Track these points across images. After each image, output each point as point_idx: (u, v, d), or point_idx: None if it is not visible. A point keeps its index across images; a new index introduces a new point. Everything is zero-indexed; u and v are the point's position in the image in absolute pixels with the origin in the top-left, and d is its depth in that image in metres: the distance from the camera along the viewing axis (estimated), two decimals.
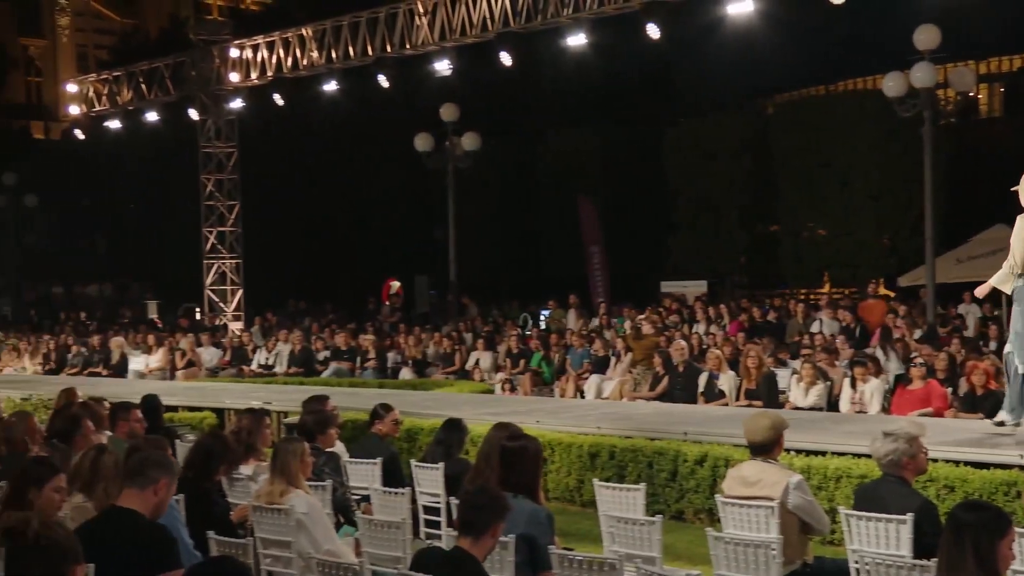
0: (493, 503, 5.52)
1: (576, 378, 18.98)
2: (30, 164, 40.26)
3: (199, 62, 28.50)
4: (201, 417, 15.06)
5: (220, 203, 29.21)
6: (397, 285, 33.66)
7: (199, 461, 7.51)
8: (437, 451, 9.31)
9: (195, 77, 28.54)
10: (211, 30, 29.96)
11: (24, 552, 3.94)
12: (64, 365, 24.69)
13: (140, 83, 29.67)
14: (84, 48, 63.45)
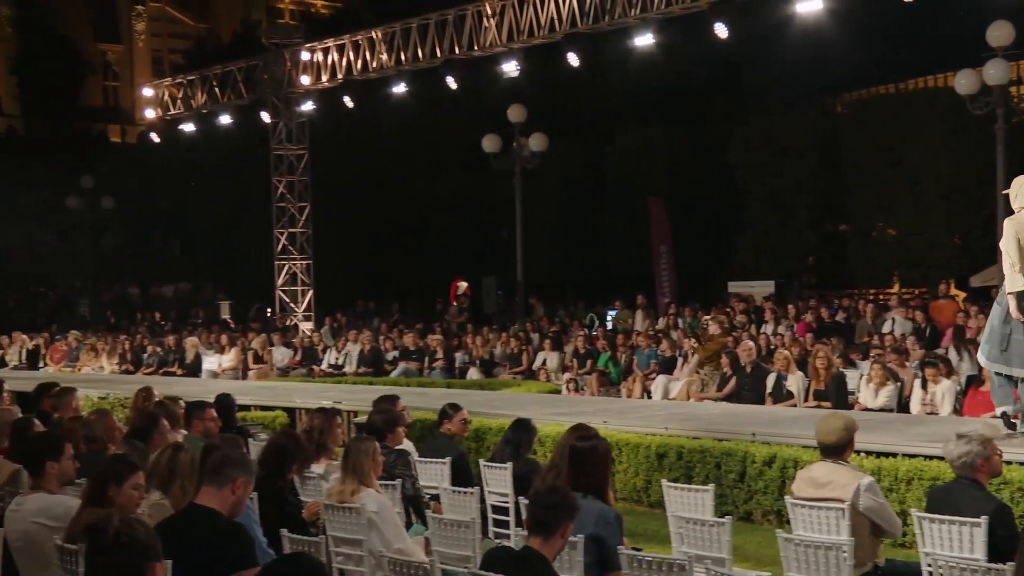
0: (563, 503, 5.53)
1: (643, 378, 18.90)
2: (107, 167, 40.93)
3: (271, 65, 28.81)
4: (273, 416, 15.21)
5: (291, 205, 29.50)
6: (464, 285, 33.73)
7: (272, 460, 7.59)
8: (505, 451, 9.32)
9: (267, 80, 28.86)
10: (283, 34, 30.28)
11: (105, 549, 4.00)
12: (140, 365, 25.08)
13: (213, 86, 30.06)
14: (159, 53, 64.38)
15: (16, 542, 6.31)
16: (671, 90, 34.73)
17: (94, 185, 36.00)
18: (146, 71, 60.00)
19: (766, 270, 28.43)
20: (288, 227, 29.57)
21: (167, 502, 6.51)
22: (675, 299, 26.98)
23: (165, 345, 25.55)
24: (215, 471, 5.58)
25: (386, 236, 37.28)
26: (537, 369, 21.32)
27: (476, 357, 22.69)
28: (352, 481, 7.28)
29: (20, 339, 27.96)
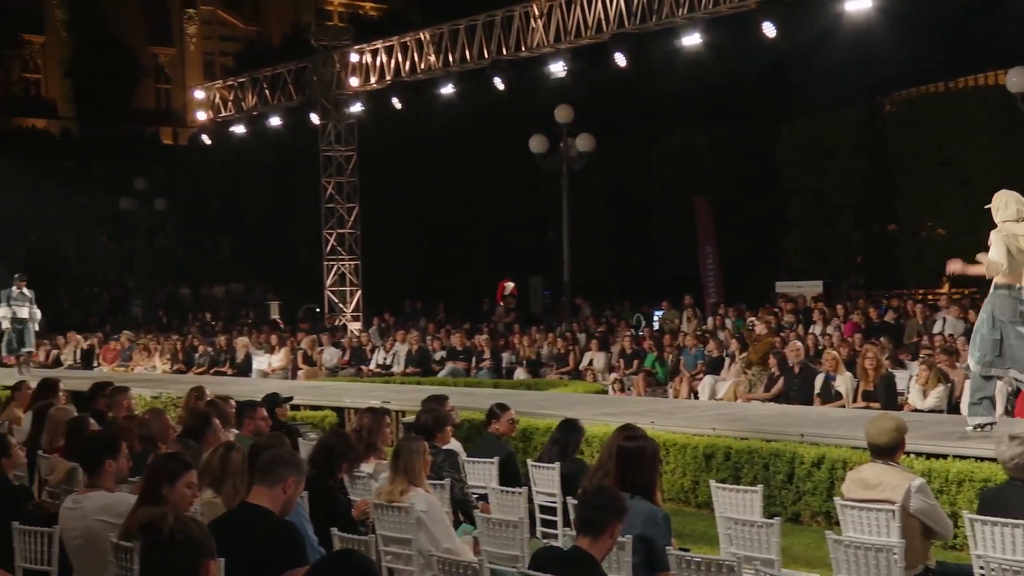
0: (612, 503, 5.51)
1: (690, 379, 18.83)
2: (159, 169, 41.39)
3: (320, 67, 28.97)
4: (322, 416, 15.29)
5: (340, 205, 29.63)
6: (511, 286, 33.78)
7: (322, 459, 7.64)
8: (553, 451, 9.31)
9: (316, 82, 29.03)
10: (332, 36, 30.42)
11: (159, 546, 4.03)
12: (192, 364, 25.30)
13: (264, 88, 30.27)
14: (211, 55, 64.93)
15: (75, 540, 6.38)
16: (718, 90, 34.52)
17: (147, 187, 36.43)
18: (197, 74, 60.54)
19: (813, 270, 28.21)
20: (337, 228, 29.71)
21: (219, 500, 6.56)
22: (721, 299, 26.86)
23: (216, 345, 25.76)
24: (266, 470, 5.62)
25: (433, 236, 37.38)
26: (584, 369, 21.30)
27: (523, 357, 22.70)
28: (402, 481, 7.30)
29: (75, 339, 28.29)
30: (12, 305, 21.57)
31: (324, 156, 29.62)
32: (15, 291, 21.66)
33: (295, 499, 5.74)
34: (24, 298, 21.76)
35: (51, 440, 9.47)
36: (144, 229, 37.83)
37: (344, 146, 29.49)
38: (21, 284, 21.81)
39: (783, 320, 21.21)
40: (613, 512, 5.47)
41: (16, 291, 21.68)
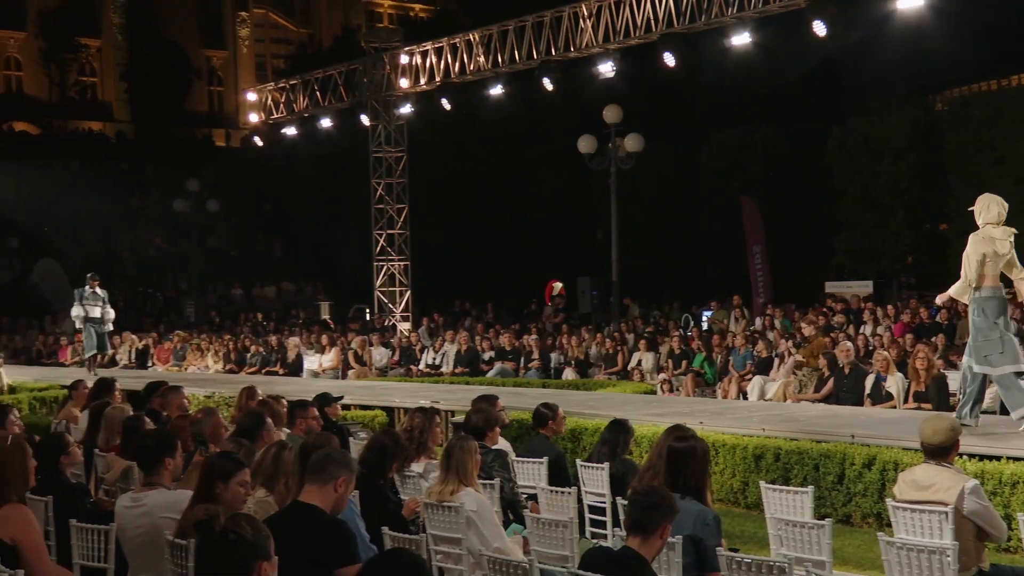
0: (662, 503, 5.49)
1: (739, 379, 18.71)
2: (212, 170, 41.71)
3: (370, 69, 29.12)
4: (372, 415, 15.34)
5: (389, 206, 29.76)
6: (559, 286, 33.74)
7: (373, 458, 7.65)
8: (602, 451, 9.28)
9: (366, 84, 29.18)
10: (382, 38, 30.55)
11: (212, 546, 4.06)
12: (243, 364, 25.50)
13: (315, 90, 30.46)
14: (262, 58, 65.43)
15: (137, 537, 6.43)
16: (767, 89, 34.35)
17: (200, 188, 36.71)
18: (250, 76, 61.01)
19: (864, 270, 27.93)
20: (386, 228, 29.84)
21: (272, 499, 6.61)
22: (770, 299, 26.67)
23: (268, 345, 25.94)
24: (318, 469, 5.65)
25: (482, 237, 37.43)
26: (632, 369, 21.23)
27: (571, 357, 22.67)
28: (453, 480, 7.30)
29: (130, 339, 28.58)
30: (84, 305, 21.18)
31: (374, 157, 29.76)
32: (88, 290, 21.27)
33: (346, 498, 5.77)
34: (96, 298, 21.31)
35: (107, 439, 9.58)
36: (197, 230, 38.13)
37: (394, 147, 29.62)
38: (94, 283, 21.37)
39: (833, 321, 21.03)
40: (664, 512, 5.45)
41: (89, 290, 21.27)
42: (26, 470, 5.69)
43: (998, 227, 10.66)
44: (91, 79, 59.88)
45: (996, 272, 10.71)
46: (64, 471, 7.98)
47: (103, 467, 9.30)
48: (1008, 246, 10.66)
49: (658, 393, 18.76)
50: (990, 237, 10.62)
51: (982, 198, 10.90)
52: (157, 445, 6.77)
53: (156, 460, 6.67)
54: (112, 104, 59.08)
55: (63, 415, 12.92)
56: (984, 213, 10.74)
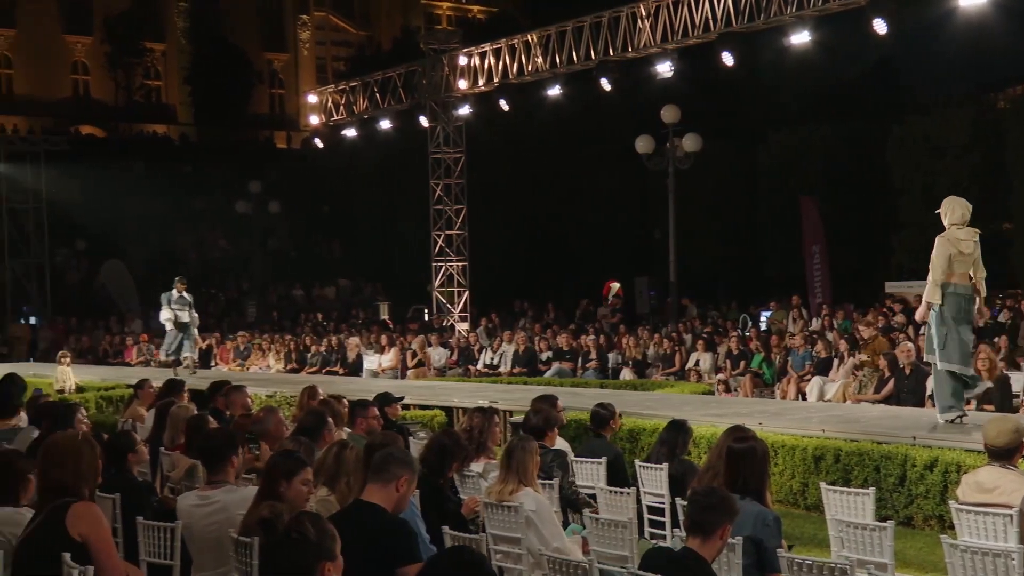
0: (722, 504, 5.45)
1: (797, 380, 18.56)
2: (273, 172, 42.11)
3: (429, 71, 29.23)
4: (431, 415, 15.38)
5: (448, 207, 29.85)
6: (617, 286, 33.65)
7: (434, 458, 7.68)
8: (661, 451, 9.25)
9: (425, 85, 29.28)
10: (441, 39, 30.65)
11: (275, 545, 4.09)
12: (304, 364, 25.69)
13: (374, 92, 30.61)
14: (323, 60, 65.92)
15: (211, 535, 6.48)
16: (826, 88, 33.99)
17: (261, 190, 37.07)
18: (310, 79, 61.50)
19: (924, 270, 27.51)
20: (445, 229, 29.93)
21: (333, 498, 6.64)
22: (829, 300, 26.40)
23: (328, 345, 26.10)
24: (381, 468, 5.68)
25: (540, 237, 37.42)
26: (689, 370, 21.13)
27: (629, 357, 22.60)
28: (513, 480, 7.30)
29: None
30: (173, 308, 20.96)
31: (433, 158, 29.87)
32: (175, 294, 21.01)
33: (408, 497, 5.79)
34: (184, 302, 21.12)
35: (172, 437, 9.71)
36: (258, 231, 38.51)
37: (452, 148, 29.70)
38: (181, 287, 21.10)
39: (893, 321, 20.78)
40: (724, 513, 5.42)
41: (176, 294, 21.00)
42: (96, 467, 5.79)
43: (963, 228, 11.24)
44: (155, 83, 60.70)
45: (963, 271, 11.21)
46: (131, 469, 8.09)
47: (168, 465, 9.42)
48: (972, 246, 11.22)
49: (716, 394, 18.63)
50: (955, 238, 11.19)
51: (947, 201, 11.49)
52: (223, 444, 6.84)
53: (222, 458, 6.73)
54: (176, 107, 59.85)
55: (129, 414, 13.10)
56: (950, 215, 11.32)
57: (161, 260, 41.82)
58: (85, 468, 5.63)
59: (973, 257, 11.28)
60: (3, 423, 10.07)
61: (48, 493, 5.57)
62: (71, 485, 5.54)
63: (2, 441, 9.13)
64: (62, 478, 5.55)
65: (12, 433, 9.68)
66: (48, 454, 5.72)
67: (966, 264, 11.23)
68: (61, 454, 5.66)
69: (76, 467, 5.59)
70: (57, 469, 5.58)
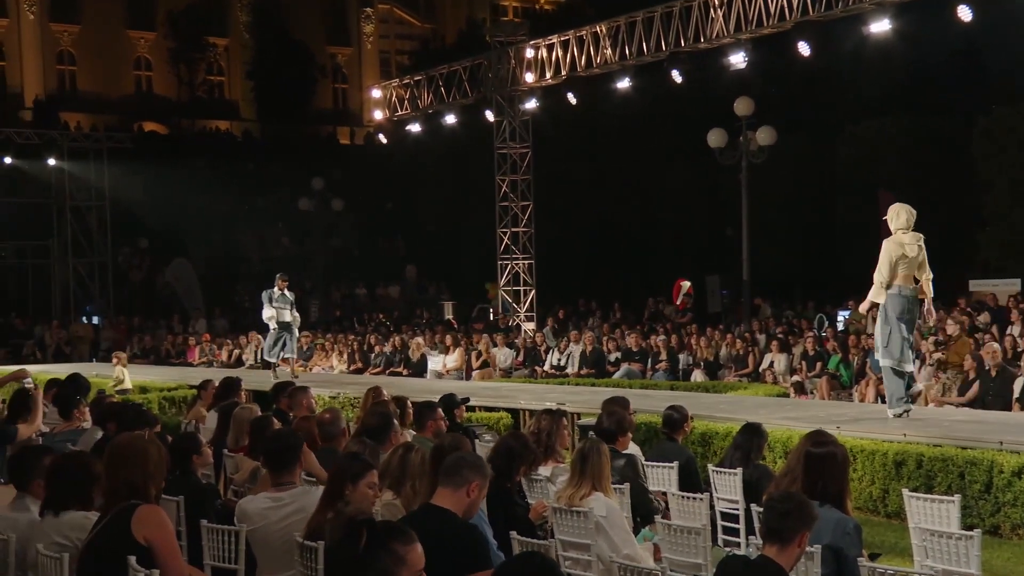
0: (800, 510, 5.38)
1: (876, 382, 18.31)
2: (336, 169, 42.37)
3: (495, 64, 29.27)
4: (497, 417, 15.41)
5: (514, 204, 29.88)
6: (688, 285, 33.40)
7: (501, 462, 7.67)
8: (735, 456, 9.18)
9: (491, 79, 29.33)
10: (507, 31, 30.69)
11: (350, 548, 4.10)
12: (368, 365, 25.86)
13: (439, 86, 30.71)
14: (387, 54, 66.22)
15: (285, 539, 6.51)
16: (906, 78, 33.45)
17: (324, 187, 37.33)
18: (374, 73, 61.85)
19: (1011, 268, 27.08)
20: (511, 226, 29.97)
21: (399, 502, 6.67)
22: None
23: (392, 345, 26.25)
24: (452, 472, 5.69)
25: (608, 234, 37.31)
26: (763, 371, 20.98)
27: (700, 359, 22.51)
28: (587, 484, 7.29)
29: (256, 339, 29.10)
30: (275, 306, 20.71)
31: (498, 153, 29.92)
32: (276, 291, 20.71)
33: (478, 503, 5.80)
34: (285, 300, 20.82)
35: (236, 439, 9.81)
36: (321, 229, 38.79)
37: (519, 143, 29.73)
38: (282, 284, 20.77)
39: (977, 321, 20.45)
40: (802, 520, 5.35)
41: (278, 291, 20.71)
42: (163, 468, 5.88)
43: (907, 233, 12.39)
44: (219, 78, 61.37)
45: (907, 273, 12.35)
46: (196, 471, 8.20)
47: (232, 467, 9.53)
48: (917, 250, 12.34)
49: (791, 396, 18.46)
50: (900, 242, 12.33)
51: (892, 207, 12.71)
52: (289, 446, 6.90)
53: (289, 460, 6.80)
54: (239, 103, 60.46)
55: (192, 415, 13.27)
56: (895, 220, 12.51)
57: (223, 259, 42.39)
58: (153, 469, 5.71)
59: (918, 260, 12.39)
60: (67, 424, 10.26)
61: (115, 495, 5.65)
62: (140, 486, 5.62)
63: (66, 443, 9.30)
64: (130, 479, 5.62)
65: (76, 434, 9.85)
66: (115, 455, 5.79)
67: (911, 267, 12.34)
68: (129, 454, 5.74)
69: (144, 468, 5.67)
70: (125, 471, 5.66)
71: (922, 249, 12.41)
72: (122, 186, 37.94)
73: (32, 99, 54.06)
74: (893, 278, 12.31)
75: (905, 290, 12.36)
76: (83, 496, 5.99)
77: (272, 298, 20.75)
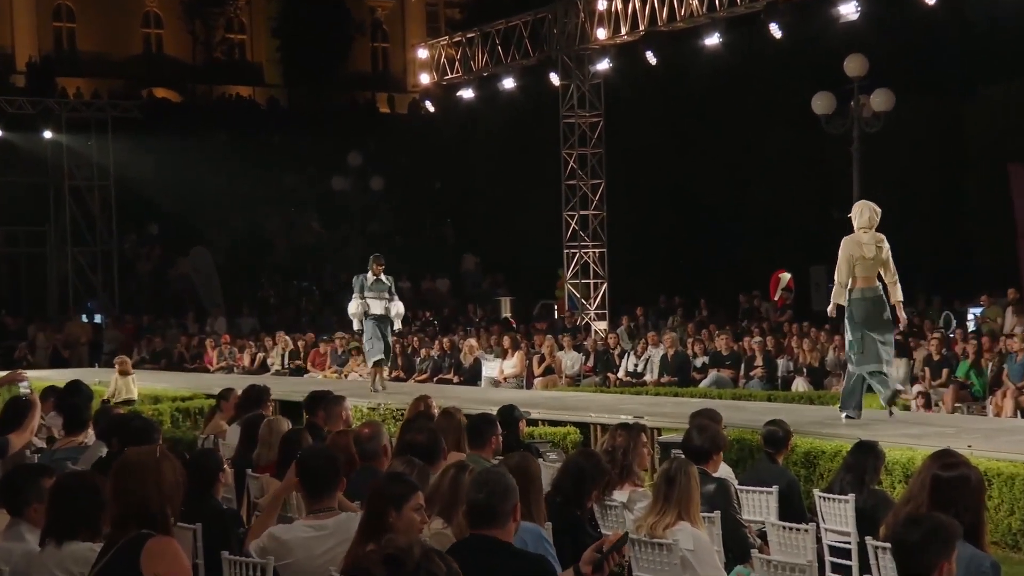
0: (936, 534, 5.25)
1: (1016, 392, 18.20)
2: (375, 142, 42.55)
3: (561, 19, 29.22)
4: (564, 433, 15.42)
5: (583, 182, 29.83)
6: (788, 277, 33.25)
7: (569, 485, 7.69)
8: (846, 479, 9.14)
9: (557, 36, 29.30)
10: None
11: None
12: (412, 371, 25.98)
13: (496, 45, 30.67)
14: (434, 7, 66.24)
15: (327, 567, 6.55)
16: None
17: (361, 163, 37.47)
18: (419, 30, 61.92)
19: None
20: (579, 209, 29.93)
21: (450, 531, 6.68)
22: None
23: (440, 348, 26.31)
24: None
25: (693, 218, 37.18)
26: None
27: (803, 364, 22.44)
28: (670, 512, 7.28)
29: (283, 340, 29.30)
30: (366, 296, 19.24)
31: (565, 123, 29.88)
32: (371, 277, 19.35)
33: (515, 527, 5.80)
34: (381, 287, 19.36)
35: (262, 456, 9.88)
36: (358, 212, 38.96)
37: (589, 111, 29.67)
38: (378, 267, 19.46)
39: None
40: (940, 546, 5.24)
41: (372, 277, 19.34)
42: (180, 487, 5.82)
43: (868, 232, 13.65)
44: (239, 36, 61.79)
45: (867, 274, 13.61)
46: (216, 494, 8.24)
47: (257, 490, 9.58)
48: (875, 250, 13.57)
49: (912, 408, 18.37)
50: (858, 241, 13.60)
51: (857, 205, 14.09)
52: (329, 466, 6.94)
53: (331, 482, 6.84)
54: (262, 66, 60.80)
55: (210, 429, 13.41)
56: (858, 218, 13.81)
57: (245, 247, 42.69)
58: (169, 490, 5.67)
59: (879, 261, 13.63)
60: (69, 440, 10.32)
61: (123, 523, 5.57)
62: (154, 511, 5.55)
63: (66, 461, 9.39)
64: (143, 503, 5.54)
65: (78, 452, 9.92)
66: (124, 474, 5.69)
67: (869, 268, 13.59)
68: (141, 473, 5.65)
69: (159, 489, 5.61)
70: (136, 493, 5.57)
71: (882, 250, 13.64)
72: (129, 163, 38.32)
73: (25, 62, 54.71)
74: (854, 280, 13.62)
75: (867, 292, 13.65)
76: (92, 524, 5.96)
77: (364, 286, 19.35)
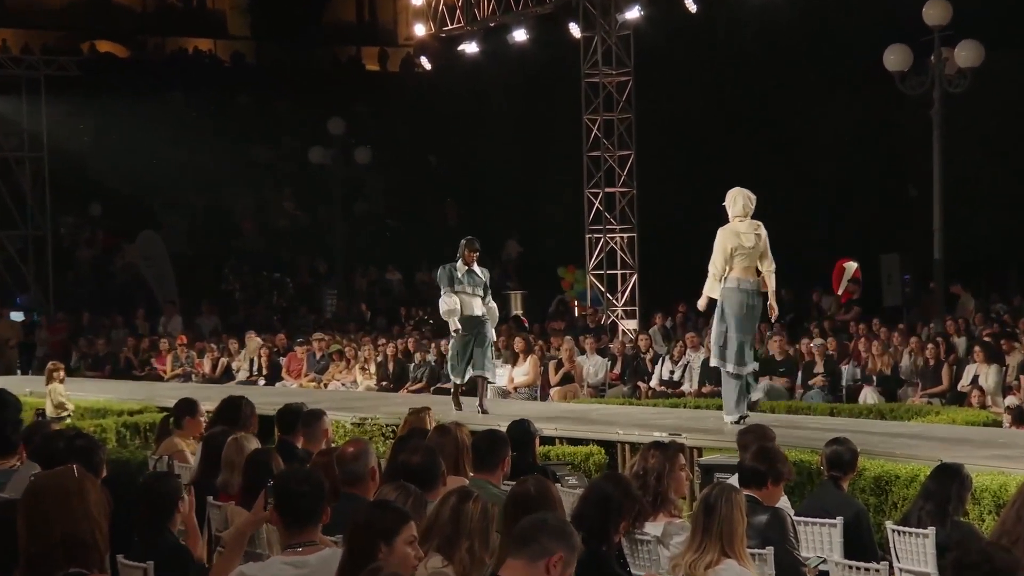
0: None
1: None
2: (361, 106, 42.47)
3: None
4: (586, 453, 15.41)
5: (609, 153, 29.77)
6: (854, 267, 33.20)
7: (593, 514, 7.67)
8: (925, 509, 9.16)
9: None
10: None
11: None
12: (405, 379, 25.93)
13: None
14: None
15: None
16: None
17: (345, 131, 37.39)
18: None
19: None
20: (604, 186, 29.88)
21: (450, 571, 6.68)
22: None
23: (438, 352, 26.26)
24: (527, 538, 5.69)
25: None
26: (965, 389, 20.85)
27: (872, 371, 22.42)
28: (712, 548, 7.28)
29: (253, 342, 29.23)
30: (458, 291, 17.80)
31: (587, 83, 29.85)
32: (462, 268, 17.80)
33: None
34: (475, 281, 17.87)
35: (227, 481, 9.86)
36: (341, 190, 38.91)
37: (615, 68, 29.62)
38: (471, 256, 17.83)
39: None
40: None
41: (463, 268, 17.79)
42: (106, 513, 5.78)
43: (744, 220, 15.04)
44: None
45: (746, 265, 14.98)
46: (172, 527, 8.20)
47: (220, 521, 9.57)
48: (755, 239, 14.97)
49: (1004, 425, 18.32)
50: (735, 231, 14.96)
51: (730, 192, 15.30)
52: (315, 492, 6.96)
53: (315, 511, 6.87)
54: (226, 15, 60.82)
55: (165, 448, 13.35)
56: (732, 207, 15.14)
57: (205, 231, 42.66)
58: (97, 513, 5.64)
59: (758, 250, 15.02)
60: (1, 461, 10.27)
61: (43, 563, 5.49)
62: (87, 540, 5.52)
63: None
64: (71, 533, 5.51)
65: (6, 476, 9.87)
66: (42, 503, 5.65)
67: (749, 258, 14.94)
68: (61, 497, 5.61)
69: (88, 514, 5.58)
70: (60, 523, 5.53)
71: (761, 238, 15.05)
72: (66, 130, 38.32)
73: None
74: (729, 270, 14.95)
75: (744, 283, 15.04)
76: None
77: (455, 278, 17.83)
